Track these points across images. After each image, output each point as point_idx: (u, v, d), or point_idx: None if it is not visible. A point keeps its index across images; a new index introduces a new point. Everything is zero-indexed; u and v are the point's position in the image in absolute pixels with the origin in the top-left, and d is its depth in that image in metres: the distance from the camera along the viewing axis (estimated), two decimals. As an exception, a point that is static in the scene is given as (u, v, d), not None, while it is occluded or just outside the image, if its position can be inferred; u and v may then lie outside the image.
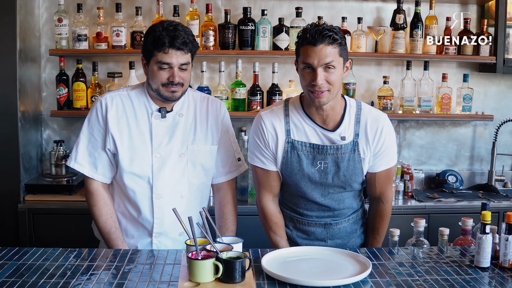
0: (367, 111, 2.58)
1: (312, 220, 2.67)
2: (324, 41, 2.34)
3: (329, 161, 2.53)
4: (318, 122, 2.54)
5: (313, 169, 2.55)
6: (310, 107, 2.52)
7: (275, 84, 3.96)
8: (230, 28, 3.88)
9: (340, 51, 2.39)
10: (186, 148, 2.69)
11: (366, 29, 4.04)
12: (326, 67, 2.36)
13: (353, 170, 2.56)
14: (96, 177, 2.67)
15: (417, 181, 4.14)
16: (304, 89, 2.46)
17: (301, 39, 2.41)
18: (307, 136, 2.55)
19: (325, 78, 2.37)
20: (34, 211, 3.65)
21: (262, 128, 2.59)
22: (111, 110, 2.64)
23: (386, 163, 2.62)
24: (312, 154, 2.54)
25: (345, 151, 2.53)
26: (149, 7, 4.04)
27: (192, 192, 2.73)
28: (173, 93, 2.57)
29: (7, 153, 3.67)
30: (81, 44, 3.85)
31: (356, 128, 2.54)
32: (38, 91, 4.03)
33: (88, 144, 2.67)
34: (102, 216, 2.66)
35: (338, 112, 2.54)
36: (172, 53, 2.51)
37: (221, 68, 3.94)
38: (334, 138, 2.53)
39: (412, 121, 4.27)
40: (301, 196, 2.63)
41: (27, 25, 3.79)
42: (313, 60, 2.36)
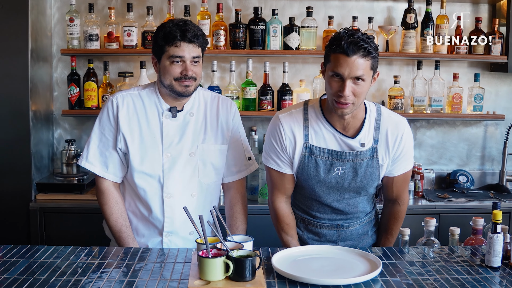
0: (386, 117, 2.54)
1: (324, 223, 2.65)
2: (358, 53, 2.26)
3: (347, 167, 2.50)
4: (338, 128, 2.49)
5: (330, 175, 2.51)
6: (331, 113, 2.46)
7: (285, 83, 3.96)
8: (241, 27, 3.89)
9: (372, 64, 2.32)
10: (196, 148, 2.69)
11: (377, 29, 4.03)
12: (355, 79, 2.29)
13: (371, 176, 2.53)
14: (107, 176, 2.68)
15: (427, 181, 4.12)
16: (329, 96, 2.38)
17: (334, 46, 2.29)
18: (326, 142, 2.50)
19: (353, 90, 2.29)
20: (45, 210, 3.67)
21: (280, 132, 2.53)
22: (122, 110, 2.66)
23: (404, 168, 2.60)
24: (330, 160, 2.49)
25: (363, 158, 2.50)
26: (160, 7, 4.05)
27: (202, 191, 2.74)
28: (186, 87, 2.58)
29: (19, 152, 3.69)
30: (92, 43, 3.87)
31: (375, 134, 2.50)
32: (50, 90, 4.05)
33: (99, 143, 2.68)
34: (113, 214, 2.67)
35: (359, 119, 2.49)
36: (184, 46, 2.53)
37: (232, 67, 3.95)
38: (354, 145, 2.49)
39: (423, 121, 4.26)
40: (315, 199, 2.61)
41: (39, 25, 3.81)
42: (344, 71, 2.26)
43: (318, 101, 2.55)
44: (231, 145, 2.79)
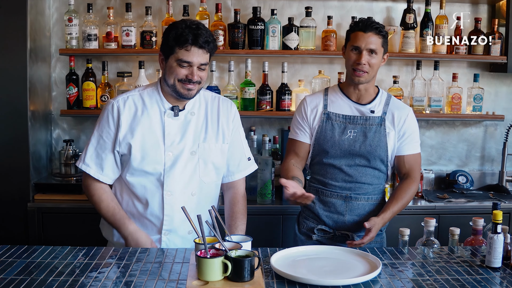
0: (395, 100, 2.98)
1: (335, 191, 2.87)
2: (373, 30, 2.77)
3: (358, 130, 2.86)
4: (353, 99, 2.91)
5: (343, 137, 2.86)
6: (348, 87, 2.92)
7: (284, 83, 3.95)
8: (240, 27, 3.88)
9: (383, 43, 2.81)
10: (197, 146, 2.69)
11: (377, 29, 4.02)
12: (370, 51, 2.77)
13: (378, 142, 2.84)
14: (102, 178, 2.68)
15: (427, 181, 4.11)
16: (348, 68, 2.84)
17: (353, 26, 2.83)
18: (341, 109, 2.91)
19: (368, 60, 2.77)
20: (43, 211, 3.66)
21: (304, 106, 2.98)
22: (124, 113, 2.65)
23: (412, 148, 2.90)
24: (344, 124, 2.88)
25: (372, 123, 2.86)
26: (159, 7, 4.04)
27: (202, 190, 2.73)
28: (189, 91, 2.59)
29: (17, 152, 3.68)
30: (91, 43, 3.86)
31: (385, 108, 2.90)
32: (48, 90, 4.04)
33: (96, 146, 2.67)
34: (103, 201, 2.67)
35: (371, 94, 2.92)
36: (194, 51, 2.53)
37: (231, 67, 3.94)
38: (365, 110, 2.88)
39: (422, 121, 4.25)
40: (330, 164, 2.88)
41: (38, 25, 3.80)
42: (361, 43, 2.76)
43: (337, 84, 3.08)
44: (231, 145, 2.79)
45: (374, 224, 2.65)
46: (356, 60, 2.78)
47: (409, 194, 2.85)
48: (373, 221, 2.66)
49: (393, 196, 2.82)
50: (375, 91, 2.95)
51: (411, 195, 2.86)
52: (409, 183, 2.86)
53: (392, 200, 2.80)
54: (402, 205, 2.81)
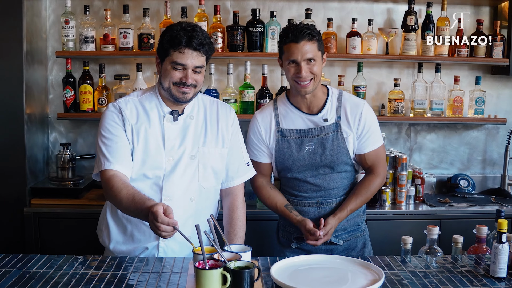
0: (347, 97, 2.87)
1: (305, 200, 2.86)
2: (305, 38, 2.65)
3: (316, 142, 2.80)
4: (303, 109, 2.83)
5: (302, 152, 2.80)
6: (295, 97, 2.83)
7: (284, 86, 3.90)
8: (239, 29, 3.83)
9: (319, 46, 2.71)
10: (197, 151, 2.64)
11: (377, 31, 3.97)
12: (308, 60, 2.67)
13: (338, 149, 2.79)
14: (112, 166, 2.51)
15: (428, 185, 4.07)
16: (290, 81, 2.75)
17: (284, 38, 2.71)
18: (294, 123, 2.83)
19: (309, 70, 2.68)
20: (40, 215, 3.61)
21: (256, 126, 2.89)
22: (126, 111, 2.60)
23: (372, 144, 2.84)
24: (300, 139, 2.82)
25: (328, 132, 2.80)
26: (157, 8, 3.99)
27: (202, 195, 2.67)
28: (184, 94, 2.54)
29: (13, 156, 3.63)
30: (88, 46, 3.81)
31: (338, 112, 2.81)
32: (45, 93, 3.99)
33: (105, 147, 2.56)
34: (122, 190, 2.42)
35: (321, 98, 2.83)
36: (188, 54, 2.48)
37: (230, 70, 3.89)
38: (318, 120, 2.81)
39: (423, 125, 4.20)
40: (295, 178, 2.85)
41: (34, 26, 3.75)
42: (297, 56, 2.66)
43: (284, 93, 2.93)
44: (230, 150, 2.74)
45: (330, 227, 2.73)
46: (296, 72, 2.69)
47: (371, 190, 2.86)
48: (329, 224, 2.72)
49: (352, 193, 2.84)
50: (324, 92, 2.86)
51: (372, 191, 2.87)
52: (371, 179, 2.86)
53: (352, 197, 2.82)
54: (361, 201, 2.84)
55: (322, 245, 2.77)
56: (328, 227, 2.72)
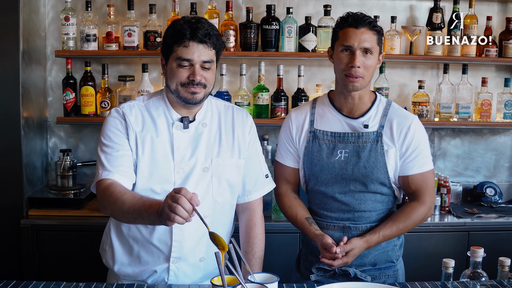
0: (396, 108, 2.53)
1: (331, 222, 2.50)
2: (366, 26, 2.36)
3: (350, 149, 2.46)
4: (344, 111, 2.51)
5: (333, 159, 2.47)
6: (338, 97, 2.51)
7: (301, 88, 3.64)
8: (252, 27, 3.56)
9: (378, 40, 2.40)
10: (210, 162, 2.37)
11: (400, 29, 3.70)
12: (364, 51, 2.35)
13: (375, 162, 2.43)
14: (111, 175, 2.24)
15: (454, 194, 3.80)
16: (339, 73, 2.43)
17: (342, 22, 2.42)
18: (330, 125, 2.52)
19: (362, 63, 2.36)
20: (38, 227, 3.35)
21: (288, 123, 2.60)
22: (130, 117, 2.33)
23: (419, 166, 2.46)
24: (333, 143, 2.49)
25: (367, 140, 2.45)
26: (164, 4, 3.72)
27: (216, 211, 2.40)
28: (193, 94, 2.26)
29: (9, 164, 3.38)
30: (89, 45, 3.54)
31: (382, 121, 2.47)
32: (44, 95, 3.72)
33: (105, 155, 2.29)
34: (126, 193, 2.15)
35: (366, 103, 2.50)
36: (194, 47, 2.21)
37: (243, 71, 3.62)
38: (357, 125, 2.48)
39: (447, 130, 3.94)
40: (322, 192, 2.51)
41: (32, 24, 3.48)
42: (354, 42, 2.35)
43: (326, 94, 2.61)
44: (247, 161, 2.47)
45: (353, 247, 2.35)
46: (349, 62, 2.36)
47: (412, 218, 2.44)
48: (352, 244, 2.35)
49: (390, 218, 2.45)
50: (371, 99, 2.51)
51: (414, 220, 2.44)
52: (414, 206, 2.46)
53: (388, 222, 2.43)
54: (398, 230, 2.42)
55: (346, 279, 2.43)
56: (350, 246, 2.33)
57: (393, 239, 2.49)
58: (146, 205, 2.02)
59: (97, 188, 2.27)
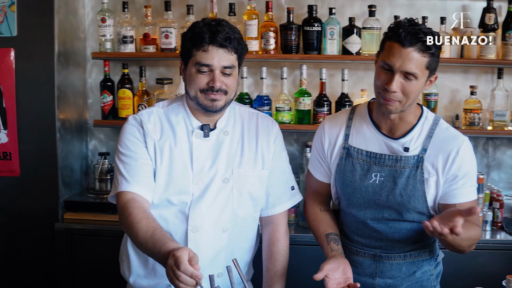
0: (443, 129, 2.20)
1: (361, 249, 2.28)
2: (415, 46, 1.99)
3: (386, 174, 2.18)
4: (383, 130, 2.21)
5: (366, 182, 2.21)
6: (377, 112, 2.21)
7: (344, 93, 3.46)
8: (293, 29, 3.41)
9: (429, 63, 2.03)
10: (231, 173, 2.24)
11: (450, 31, 3.48)
12: (406, 74, 2.01)
13: (412, 191, 2.14)
14: (131, 187, 2.14)
15: (507, 208, 3.54)
16: (376, 90, 2.12)
17: (391, 33, 2.05)
18: (366, 143, 2.23)
19: (401, 86, 2.03)
20: (72, 232, 3.31)
21: (321, 133, 2.35)
22: (148, 125, 2.22)
23: (465, 195, 2.14)
24: (367, 164, 2.22)
25: (405, 165, 2.16)
26: (203, 5, 3.61)
27: (236, 225, 2.28)
28: (213, 101, 2.14)
29: (44, 166, 3.35)
30: (126, 46, 3.46)
31: (425, 143, 2.16)
32: (83, 97, 3.69)
33: (123, 165, 2.19)
34: (141, 221, 2.03)
35: (409, 123, 2.18)
36: (213, 52, 2.09)
37: (283, 74, 3.47)
38: (396, 147, 2.18)
39: (503, 139, 3.67)
40: (353, 216, 2.27)
41: (69, 26, 3.44)
42: (395, 62, 2.01)
43: (366, 104, 2.32)
44: (272, 172, 2.33)
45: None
46: (385, 82, 2.04)
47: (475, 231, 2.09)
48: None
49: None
50: (417, 115, 2.20)
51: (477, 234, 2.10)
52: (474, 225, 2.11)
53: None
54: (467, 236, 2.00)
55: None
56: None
57: (429, 267, 2.26)
58: (156, 249, 1.92)
59: (117, 201, 2.18)
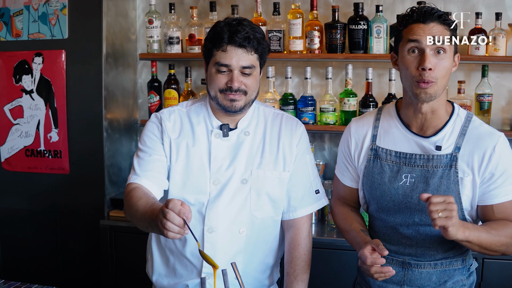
0: (477, 125, 2.05)
1: (389, 255, 2.09)
2: (435, 20, 1.93)
3: (417, 175, 2.04)
4: (413, 129, 2.07)
5: (396, 184, 2.06)
6: (407, 110, 2.07)
7: (392, 94, 3.32)
8: (338, 27, 3.32)
9: (451, 38, 1.95)
10: (250, 173, 2.20)
11: (507, 27, 3.25)
12: (437, 50, 1.92)
13: (446, 191, 1.99)
14: (139, 179, 2.14)
15: None
16: (407, 81, 1.98)
17: (406, 19, 1.98)
18: (395, 143, 2.10)
19: (435, 64, 1.92)
20: (116, 229, 3.39)
21: (347, 135, 2.23)
22: (167, 123, 2.23)
23: (506, 193, 1.99)
24: (397, 165, 2.08)
25: (437, 165, 2.02)
26: (250, 5, 3.58)
27: (254, 227, 2.22)
28: (232, 102, 2.10)
29: (91, 165, 3.44)
30: (172, 47, 3.49)
31: (459, 141, 2.02)
32: (133, 97, 3.75)
33: (137, 160, 2.21)
34: (141, 199, 2.01)
35: (441, 118, 2.04)
36: (232, 52, 2.06)
37: (328, 74, 3.38)
38: (427, 146, 2.04)
39: None
40: (382, 220, 2.14)
41: (119, 27, 3.51)
42: (423, 38, 1.91)
43: (393, 103, 2.20)
44: (294, 174, 2.26)
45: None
46: (418, 65, 1.92)
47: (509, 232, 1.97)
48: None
49: (485, 224, 2.01)
50: (448, 111, 2.07)
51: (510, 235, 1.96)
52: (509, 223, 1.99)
53: (484, 227, 1.96)
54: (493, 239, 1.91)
55: None
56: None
57: (462, 277, 2.08)
58: (153, 216, 1.86)
59: (124, 192, 2.19)
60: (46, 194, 3.55)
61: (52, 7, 3.38)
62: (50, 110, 3.45)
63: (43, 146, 3.49)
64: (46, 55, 3.42)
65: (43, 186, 3.55)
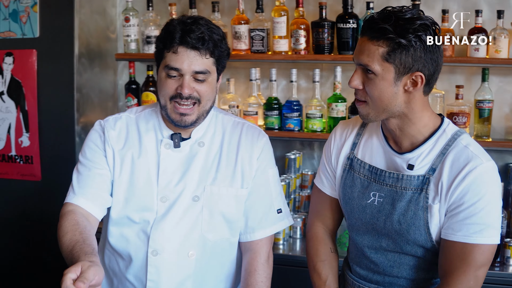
0: (462, 147, 1.75)
1: (357, 281, 1.95)
2: (368, 34, 1.71)
3: (385, 194, 1.82)
4: (390, 142, 1.86)
5: (364, 202, 1.87)
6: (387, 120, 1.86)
7: (384, 99, 3.05)
8: (326, 26, 3.05)
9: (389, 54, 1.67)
10: (203, 190, 1.96)
11: (509, 26, 2.95)
12: (363, 69, 1.73)
13: (413, 219, 1.76)
14: (76, 199, 1.91)
15: None
16: None
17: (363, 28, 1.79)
18: (372, 155, 1.90)
19: (359, 84, 1.75)
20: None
21: (332, 137, 2.04)
22: (111, 132, 2.00)
23: (467, 233, 1.69)
24: (368, 180, 1.87)
25: (407, 186, 1.78)
26: (230, 2, 3.34)
27: (206, 250, 1.99)
28: (182, 116, 1.88)
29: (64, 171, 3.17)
30: (150, 47, 3.27)
31: (435, 162, 1.76)
32: (114, 100, 3.55)
33: (76, 175, 1.98)
34: (66, 234, 1.77)
35: (419, 133, 1.79)
36: (183, 54, 1.83)
37: (316, 77, 3.12)
38: (400, 163, 1.81)
39: None
40: (353, 240, 1.96)
41: (94, 25, 3.30)
42: (355, 54, 1.76)
43: None
44: (252, 192, 2.03)
45: None
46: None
47: None
48: None
49: None
50: (430, 128, 1.79)
51: None
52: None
53: None
54: None
55: None
56: None
57: None
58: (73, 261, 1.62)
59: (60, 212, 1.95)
60: (17, 201, 3.37)
61: (23, 3, 3.20)
62: (21, 113, 3.27)
63: (14, 151, 3.30)
64: (16, 54, 3.23)
65: (14, 193, 3.37)
